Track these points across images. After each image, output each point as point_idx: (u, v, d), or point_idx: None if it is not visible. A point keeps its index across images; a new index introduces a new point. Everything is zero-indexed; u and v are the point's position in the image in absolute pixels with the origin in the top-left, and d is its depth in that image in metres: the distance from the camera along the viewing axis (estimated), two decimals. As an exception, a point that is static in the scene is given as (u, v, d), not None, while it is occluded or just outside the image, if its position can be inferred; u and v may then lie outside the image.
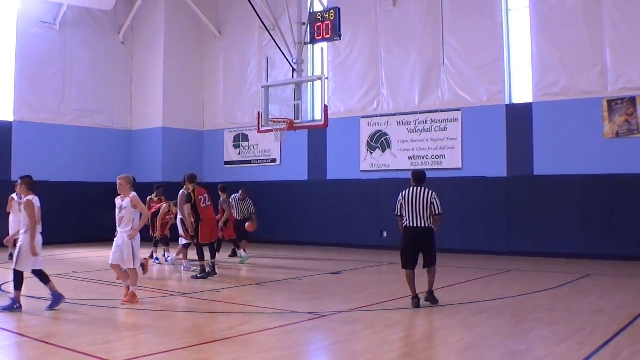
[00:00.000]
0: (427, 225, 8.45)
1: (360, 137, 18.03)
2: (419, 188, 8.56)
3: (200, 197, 11.34)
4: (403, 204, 8.55)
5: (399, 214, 8.66)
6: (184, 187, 11.48)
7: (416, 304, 8.39)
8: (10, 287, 10.34)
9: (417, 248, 8.53)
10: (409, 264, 8.55)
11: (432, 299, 8.54)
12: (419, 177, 8.69)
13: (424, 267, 8.59)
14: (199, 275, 11.17)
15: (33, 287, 10.21)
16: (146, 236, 14.87)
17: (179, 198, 11.49)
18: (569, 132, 14.84)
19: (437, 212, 8.45)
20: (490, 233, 15.68)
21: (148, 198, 14.23)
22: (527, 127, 15.40)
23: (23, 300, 8.24)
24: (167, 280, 11.80)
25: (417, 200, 8.43)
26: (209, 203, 11.51)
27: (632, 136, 14.06)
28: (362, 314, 8.04)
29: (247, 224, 14.25)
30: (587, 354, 5.82)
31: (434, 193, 8.53)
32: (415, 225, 8.44)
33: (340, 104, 18.36)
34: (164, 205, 13.92)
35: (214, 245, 11.83)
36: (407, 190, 8.60)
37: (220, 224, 13.52)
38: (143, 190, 15.11)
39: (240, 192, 15.07)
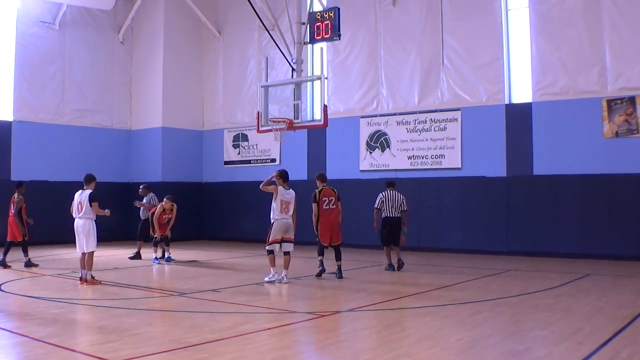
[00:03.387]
0: (399, 215, 12.30)
1: (360, 137, 18.03)
2: (393, 191, 12.42)
3: (324, 199, 11.38)
4: (384, 201, 12.31)
5: (378, 207, 12.35)
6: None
7: (392, 269, 12.24)
8: (10, 287, 10.35)
9: (392, 231, 12.26)
10: (388, 241, 12.39)
11: (400, 264, 12.29)
12: (393, 183, 12.64)
13: (394, 245, 12.37)
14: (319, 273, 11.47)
15: (34, 287, 10.23)
16: (148, 236, 14.96)
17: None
18: (568, 132, 14.84)
19: (404, 209, 12.35)
20: (490, 233, 15.68)
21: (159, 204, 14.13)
22: (526, 127, 15.41)
23: (23, 300, 8.23)
24: (167, 280, 11.81)
25: (394, 199, 12.32)
26: (334, 206, 11.44)
27: (632, 136, 14.07)
28: (362, 314, 8.05)
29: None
30: (587, 354, 5.83)
31: (402, 195, 12.41)
32: (392, 215, 12.27)
33: (340, 103, 18.35)
34: (159, 205, 13.92)
35: (338, 247, 11.53)
36: (386, 192, 12.43)
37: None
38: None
39: (140, 188, 15.16)
